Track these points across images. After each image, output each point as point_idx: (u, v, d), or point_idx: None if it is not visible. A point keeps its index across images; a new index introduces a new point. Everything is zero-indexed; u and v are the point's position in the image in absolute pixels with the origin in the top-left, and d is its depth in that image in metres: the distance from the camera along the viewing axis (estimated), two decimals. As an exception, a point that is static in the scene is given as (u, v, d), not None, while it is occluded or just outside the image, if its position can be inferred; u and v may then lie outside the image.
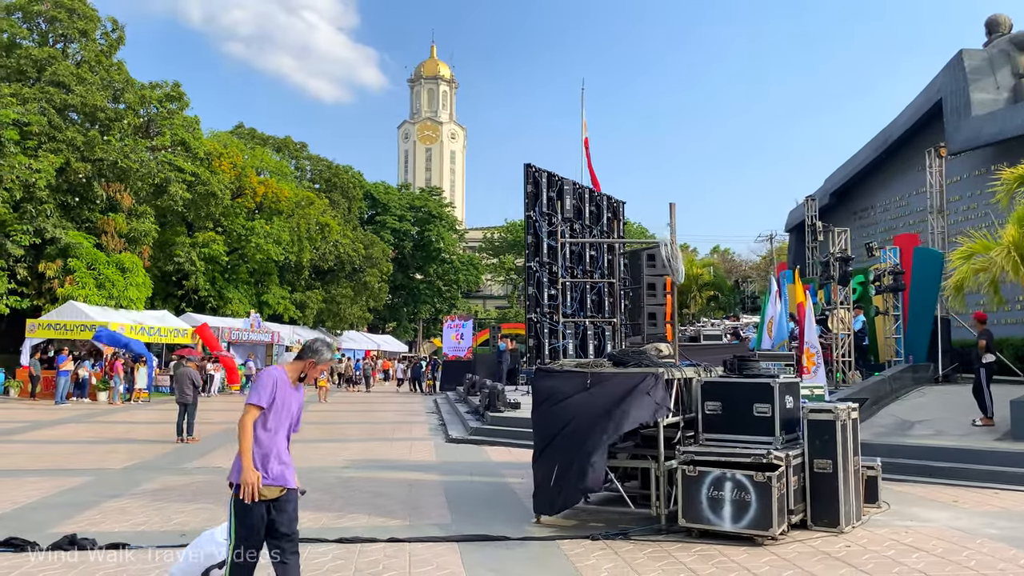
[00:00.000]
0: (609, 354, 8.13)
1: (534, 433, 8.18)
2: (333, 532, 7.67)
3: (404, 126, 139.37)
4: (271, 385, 4.74)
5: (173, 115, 34.50)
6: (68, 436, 16.62)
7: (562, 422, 7.85)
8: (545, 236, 8.63)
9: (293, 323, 44.82)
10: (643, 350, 8.11)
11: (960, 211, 23.29)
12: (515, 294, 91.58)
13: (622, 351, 8.12)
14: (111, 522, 8.13)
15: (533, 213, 8.47)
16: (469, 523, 8.05)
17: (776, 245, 72.37)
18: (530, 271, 8.44)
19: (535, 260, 8.52)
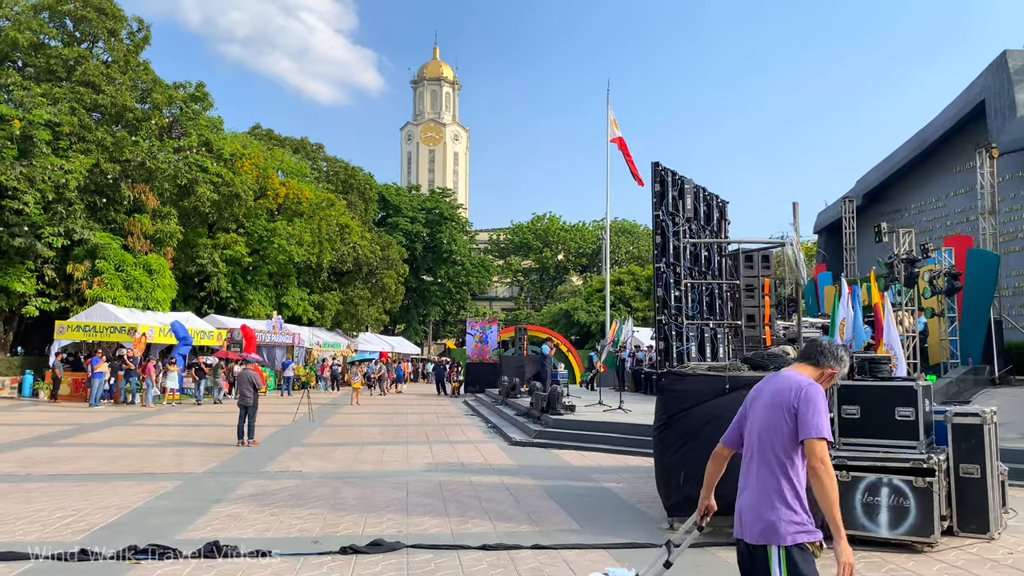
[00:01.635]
0: (744, 357, 8.01)
1: (662, 437, 8.03)
2: (471, 537, 7.53)
3: (407, 127, 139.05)
4: None
5: (198, 116, 34.30)
6: (125, 439, 16.43)
7: (697, 426, 7.71)
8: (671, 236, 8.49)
9: (311, 324, 44.65)
10: (775, 352, 7.98)
11: (1002, 212, 23.23)
12: (521, 296, 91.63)
13: (757, 354, 8.01)
14: (234, 528, 7.97)
15: (660, 212, 8.31)
16: (600, 528, 7.92)
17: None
18: (658, 272, 8.29)
19: (662, 261, 8.35)
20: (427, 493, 10.03)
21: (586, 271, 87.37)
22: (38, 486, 10.41)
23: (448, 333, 79.18)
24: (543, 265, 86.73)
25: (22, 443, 15.28)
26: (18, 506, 9.01)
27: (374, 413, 24.96)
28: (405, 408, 27.75)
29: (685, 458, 7.75)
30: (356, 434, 18.02)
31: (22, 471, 11.77)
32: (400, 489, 10.35)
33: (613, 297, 61.13)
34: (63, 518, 8.37)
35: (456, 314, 73.40)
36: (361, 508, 9.03)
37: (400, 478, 11.34)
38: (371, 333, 53.21)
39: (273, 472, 11.91)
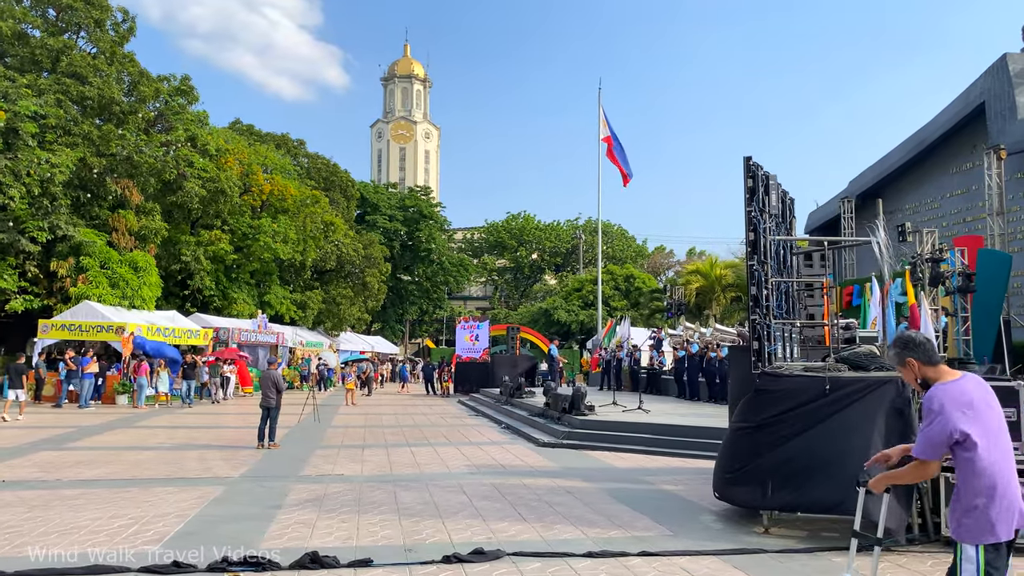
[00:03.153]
0: (839, 357, 7.86)
1: (755, 439, 7.85)
2: (566, 544, 7.29)
3: (377, 125, 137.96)
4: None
5: (183, 110, 33.48)
6: (136, 442, 15.87)
7: (796, 429, 7.56)
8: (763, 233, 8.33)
9: (293, 324, 43.91)
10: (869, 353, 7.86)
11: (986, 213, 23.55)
12: (496, 295, 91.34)
13: (853, 354, 7.87)
14: (315, 537, 7.63)
15: (753, 209, 8.13)
16: (692, 533, 7.73)
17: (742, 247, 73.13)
18: (751, 270, 8.10)
19: (755, 258, 8.18)
20: (488, 497, 9.76)
21: (561, 270, 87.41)
22: (77, 492, 9.93)
23: (424, 332, 78.62)
24: (518, 264, 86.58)
25: (30, 447, 14.68)
26: (69, 514, 8.56)
27: (377, 414, 24.54)
28: (404, 409, 27.36)
29: (781, 461, 7.59)
30: (375, 436, 17.63)
31: (48, 476, 11.26)
32: (457, 492, 10.07)
33: (592, 296, 61.21)
34: (126, 527, 7.96)
35: (433, 313, 72.89)
36: (431, 513, 8.73)
37: (449, 481, 11.04)
38: (352, 333, 52.56)
39: (313, 476, 11.53)
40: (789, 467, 7.52)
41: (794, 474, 7.50)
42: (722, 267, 40.10)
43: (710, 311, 36.15)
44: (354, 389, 29.37)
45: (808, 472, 7.38)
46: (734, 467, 8.13)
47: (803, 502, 7.42)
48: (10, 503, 9.21)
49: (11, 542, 7.30)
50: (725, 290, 37.95)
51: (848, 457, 7.23)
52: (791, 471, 7.53)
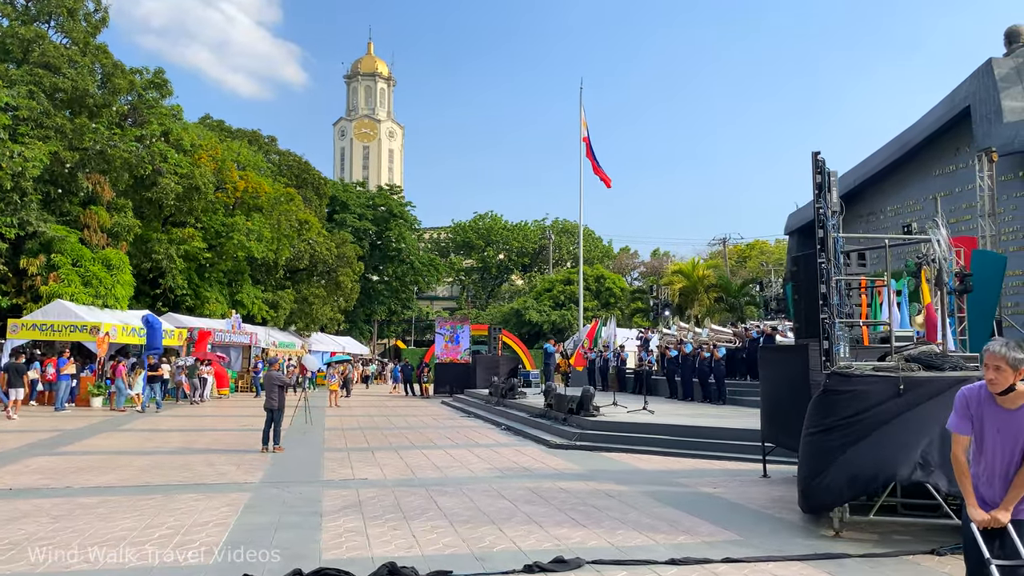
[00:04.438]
0: (909, 356, 7.75)
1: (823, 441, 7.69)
2: (639, 551, 7.06)
3: (340, 123, 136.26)
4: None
5: (157, 103, 32.56)
6: (132, 446, 15.27)
7: (867, 431, 7.42)
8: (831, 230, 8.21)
9: (264, 324, 43.06)
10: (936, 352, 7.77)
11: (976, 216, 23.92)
12: (463, 295, 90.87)
13: (923, 353, 7.77)
14: (375, 546, 7.30)
15: (822, 205, 8.00)
16: (763, 539, 7.55)
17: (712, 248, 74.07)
18: (820, 268, 7.97)
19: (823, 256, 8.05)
20: (530, 501, 9.48)
21: (528, 271, 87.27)
22: (96, 500, 9.43)
23: (392, 333, 77.84)
24: (485, 264, 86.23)
25: (21, 452, 14.02)
26: (100, 524, 8.09)
27: (366, 415, 24.07)
28: (391, 410, 26.90)
29: (852, 464, 7.44)
30: (376, 438, 17.23)
31: (56, 483, 10.70)
32: (496, 497, 9.77)
33: (563, 297, 61.17)
34: (168, 537, 7.52)
35: (401, 313, 72.19)
36: (481, 519, 8.43)
37: (480, 485, 10.74)
38: (323, 333, 51.78)
39: (337, 481, 11.14)
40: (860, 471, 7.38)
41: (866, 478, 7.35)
42: (704, 268, 40.29)
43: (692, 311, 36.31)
44: (337, 390, 28.83)
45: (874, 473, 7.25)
46: (812, 475, 7.85)
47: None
48: (29, 513, 8.69)
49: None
50: (708, 290, 38.15)
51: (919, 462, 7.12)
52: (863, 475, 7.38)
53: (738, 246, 73.48)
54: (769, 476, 11.36)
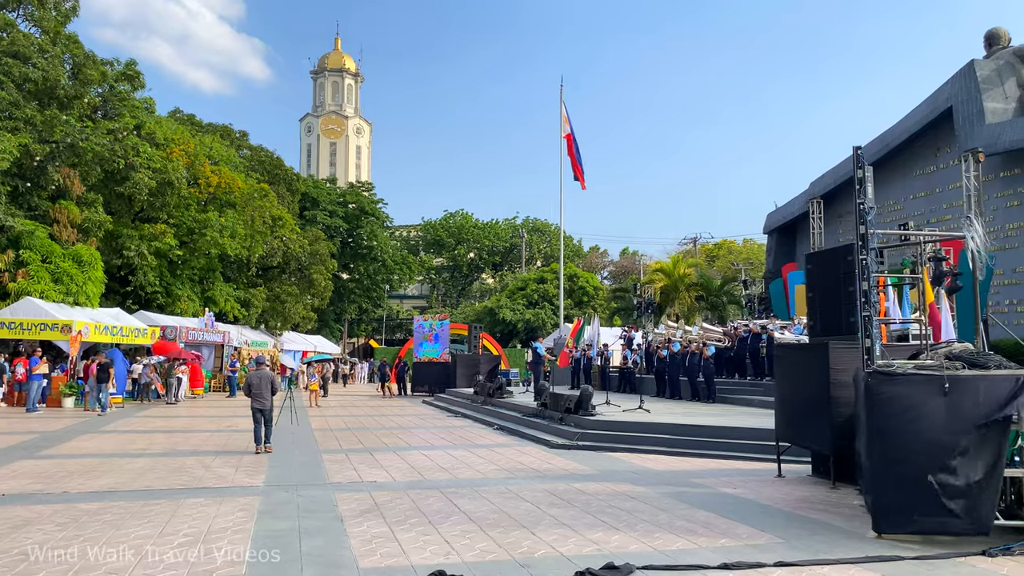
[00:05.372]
0: (951, 354, 7.65)
1: (870, 442, 7.55)
2: (684, 555, 6.85)
3: (307, 119, 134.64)
4: None
5: (129, 96, 31.70)
6: (117, 448, 14.71)
7: (913, 430, 7.29)
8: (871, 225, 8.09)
9: (236, 322, 42.23)
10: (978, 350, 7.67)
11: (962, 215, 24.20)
12: (434, 294, 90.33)
13: (967, 351, 7.68)
14: (412, 553, 7.00)
15: (863, 201, 7.87)
16: (804, 541, 7.39)
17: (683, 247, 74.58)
18: (863, 264, 7.84)
19: (865, 253, 7.93)
20: (554, 504, 9.24)
21: (499, 269, 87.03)
22: (99, 506, 9.00)
23: (362, 331, 77.03)
24: (456, 263, 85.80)
25: (1, 456, 13.42)
26: (112, 532, 7.68)
27: (351, 416, 23.63)
28: (374, 410, 26.47)
29: (898, 464, 7.31)
30: (370, 439, 16.86)
31: (51, 488, 10.22)
32: (516, 499, 9.52)
33: (537, 295, 61.07)
34: (188, 545, 7.15)
35: (372, 312, 71.48)
36: (510, 524, 8.16)
37: (495, 487, 10.47)
38: (294, 332, 50.97)
39: (346, 483, 10.79)
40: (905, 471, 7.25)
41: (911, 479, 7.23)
42: (685, 266, 40.40)
43: (673, 309, 36.37)
44: (317, 390, 28.32)
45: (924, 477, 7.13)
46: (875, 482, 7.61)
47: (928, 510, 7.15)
48: (32, 520, 8.25)
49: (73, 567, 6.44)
50: (688, 289, 38.24)
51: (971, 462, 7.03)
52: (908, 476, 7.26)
53: (706, 245, 74.02)
54: (784, 476, 11.24)
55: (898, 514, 7.31)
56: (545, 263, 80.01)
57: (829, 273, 11.41)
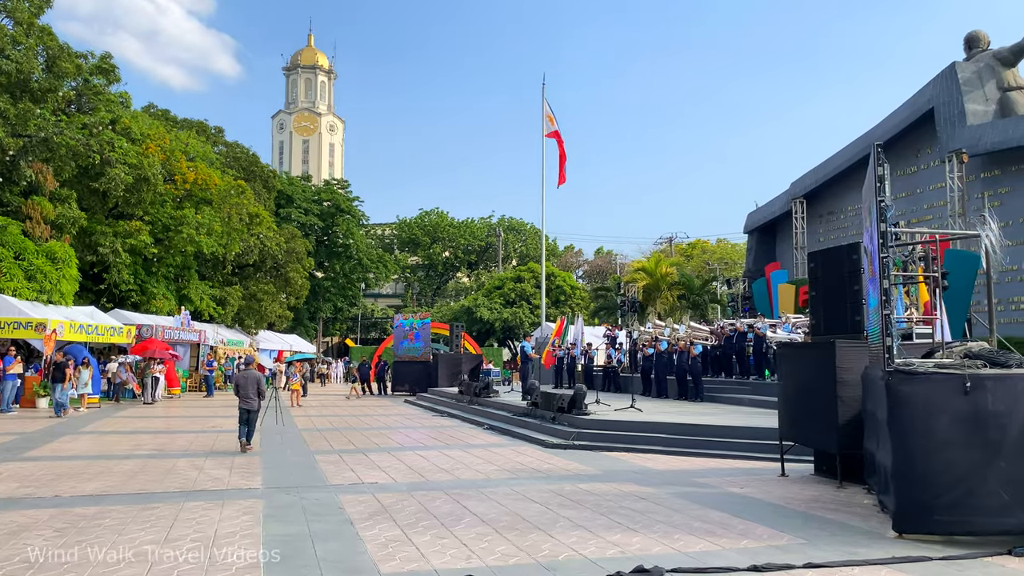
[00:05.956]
0: (969, 353, 7.63)
1: (891, 441, 7.50)
2: (708, 556, 6.75)
3: (279, 116, 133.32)
4: None
5: (103, 90, 31.04)
6: (102, 450, 14.35)
7: (933, 430, 7.25)
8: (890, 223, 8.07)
9: (212, 321, 41.61)
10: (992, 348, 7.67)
11: (947, 215, 24.52)
12: (409, 293, 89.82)
13: (984, 350, 7.67)
14: (431, 558, 6.82)
15: (884, 199, 7.85)
16: (825, 541, 7.32)
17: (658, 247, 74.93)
18: (884, 262, 7.81)
19: (887, 251, 7.90)
20: (564, 505, 9.11)
21: (474, 268, 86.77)
22: (95, 510, 8.71)
23: (337, 331, 76.40)
24: (431, 262, 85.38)
25: (-16, 457, 13.03)
26: (115, 537, 7.42)
27: (336, 415, 23.32)
28: (358, 410, 26.15)
29: (919, 464, 7.27)
30: (360, 439, 16.62)
31: (41, 492, 9.90)
32: (525, 501, 9.37)
33: (514, 295, 60.92)
34: (199, 550, 6.91)
35: (347, 311, 70.91)
36: (525, 526, 8.01)
37: (500, 488, 10.32)
38: (270, 331, 50.39)
39: (347, 485, 10.58)
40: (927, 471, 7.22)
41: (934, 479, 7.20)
42: (667, 265, 40.50)
43: (655, 308, 36.45)
44: (299, 390, 27.95)
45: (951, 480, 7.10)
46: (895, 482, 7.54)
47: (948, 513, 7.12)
48: (28, 526, 7.95)
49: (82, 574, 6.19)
50: (670, 288, 38.33)
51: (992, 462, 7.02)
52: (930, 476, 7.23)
53: (679, 245, 74.38)
54: (787, 475, 11.21)
55: (919, 514, 7.27)
56: (521, 262, 79.85)
57: (832, 272, 11.44)
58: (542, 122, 35.24)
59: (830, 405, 10.16)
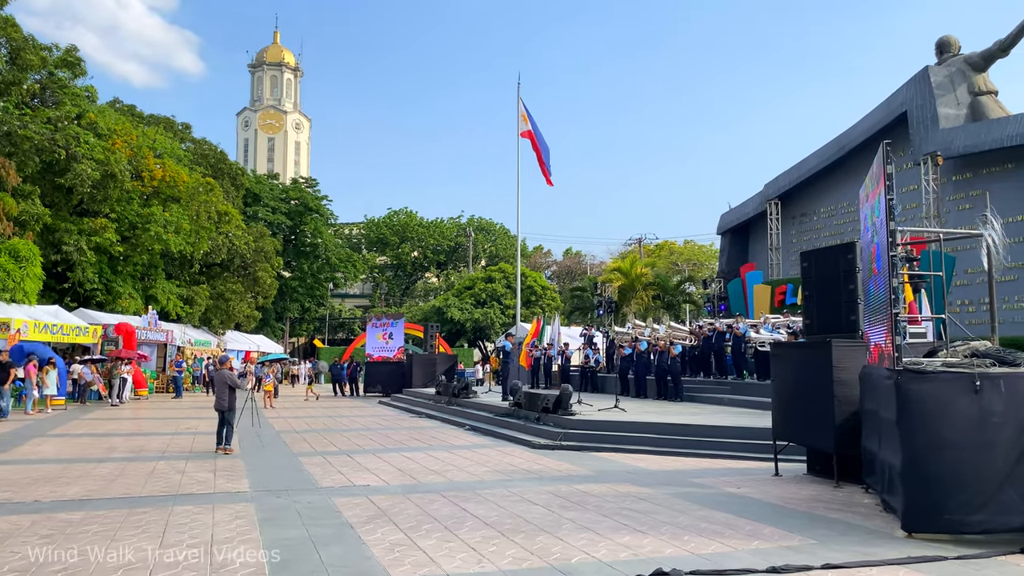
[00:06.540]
0: (976, 352, 7.63)
1: (899, 440, 7.47)
2: (729, 559, 6.65)
3: (244, 113, 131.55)
4: None
5: (69, 84, 30.27)
6: (77, 453, 13.89)
7: (942, 429, 7.23)
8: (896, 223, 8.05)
9: (179, 320, 40.81)
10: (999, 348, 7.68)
11: (919, 217, 24.84)
12: (377, 293, 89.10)
13: (992, 349, 7.67)
14: (444, 563, 6.63)
15: (893, 197, 7.83)
16: (836, 541, 7.27)
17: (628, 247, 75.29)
18: (892, 262, 7.79)
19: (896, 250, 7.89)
20: (566, 507, 8.96)
21: (444, 268, 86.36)
22: (80, 516, 8.38)
23: (304, 331, 75.50)
24: (400, 261, 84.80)
25: (-48, 461, 12.54)
26: (107, 543, 7.11)
27: (312, 417, 22.96)
28: (333, 411, 25.79)
29: (928, 463, 7.25)
30: (341, 441, 16.33)
31: (16, 497, 9.55)
32: (525, 503, 9.21)
33: (485, 295, 60.71)
34: (199, 556, 6.64)
35: (315, 311, 70.13)
36: (531, 528, 7.85)
37: (496, 489, 10.15)
38: (237, 331, 49.58)
39: (338, 488, 10.33)
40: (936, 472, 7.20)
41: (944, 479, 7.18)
42: (641, 266, 40.59)
43: (629, 309, 36.50)
44: (272, 391, 27.49)
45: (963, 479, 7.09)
46: (904, 481, 7.50)
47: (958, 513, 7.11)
48: (11, 532, 7.61)
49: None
50: (645, 288, 38.43)
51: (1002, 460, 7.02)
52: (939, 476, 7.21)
53: (647, 246, 74.82)
54: (781, 475, 11.19)
55: (929, 513, 7.24)
56: (491, 262, 79.66)
57: (826, 272, 11.45)
58: (517, 121, 35.06)
59: (826, 404, 10.15)
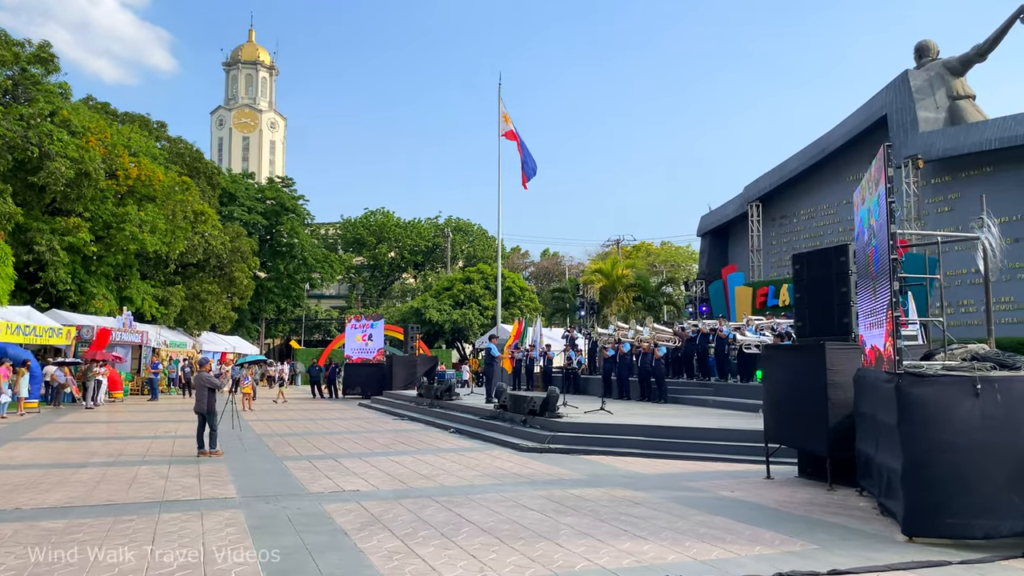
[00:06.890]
0: (976, 355, 7.63)
1: (900, 444, 7.44)
2: (730, 564, 6.58)
3: (219, 112, 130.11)
4: None
5: (42, 80, 29.68)
6: (55, 459, 13.57)
7: (942, 435, 7.21)
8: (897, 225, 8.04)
9: (154, 321, 40.21)
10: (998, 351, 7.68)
11: (900, 220, 25.04)
12: (353, 294, 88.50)
13: (993, 352, 7.67)
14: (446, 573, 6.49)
15: (894, 200, 7.80)
16: (840, 546, 7.23)
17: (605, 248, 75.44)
18: (894, 264, 7.77)
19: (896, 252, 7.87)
20: (561, 512, 8.85)
21: (421, 269, 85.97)
22: (62, 524, 8.13)
23: (279, 332, 74.81)
24: (377, 262, 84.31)
25: (-75, 467, 12.18)
26: (97, 552, 6.88)
27: (292, 420, 22.68)
28: (314, 414, 25.51)
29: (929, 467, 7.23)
30: (326, 444, 16.12)
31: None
32: (520, 508, 9.09)
33: (463, 296, 60.50)
34: (195, 566, 6.45)
35: (291, 312, 69.51)
36: (528, 535, 7.73)
37: (488, 494, 10.02)
38: (213, 332, 48.98)
39: (327, 493, 10.14)
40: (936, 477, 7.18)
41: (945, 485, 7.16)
42: (623, 267, 40.60)
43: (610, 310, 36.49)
44: (251, 393, 27.13)
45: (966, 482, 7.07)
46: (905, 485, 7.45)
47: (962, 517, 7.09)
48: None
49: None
50: (626, 290, 38.44)
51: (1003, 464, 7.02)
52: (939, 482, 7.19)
53: (625, 247, 75.02)
54: (773, 478, 11.17)
55: (930, 517, 7.22)
56: (469, 263, 79.46)
57: (819, 274, 11.43)
58: (499, 122, 34.98)
59: (820, 407, 10.12)
